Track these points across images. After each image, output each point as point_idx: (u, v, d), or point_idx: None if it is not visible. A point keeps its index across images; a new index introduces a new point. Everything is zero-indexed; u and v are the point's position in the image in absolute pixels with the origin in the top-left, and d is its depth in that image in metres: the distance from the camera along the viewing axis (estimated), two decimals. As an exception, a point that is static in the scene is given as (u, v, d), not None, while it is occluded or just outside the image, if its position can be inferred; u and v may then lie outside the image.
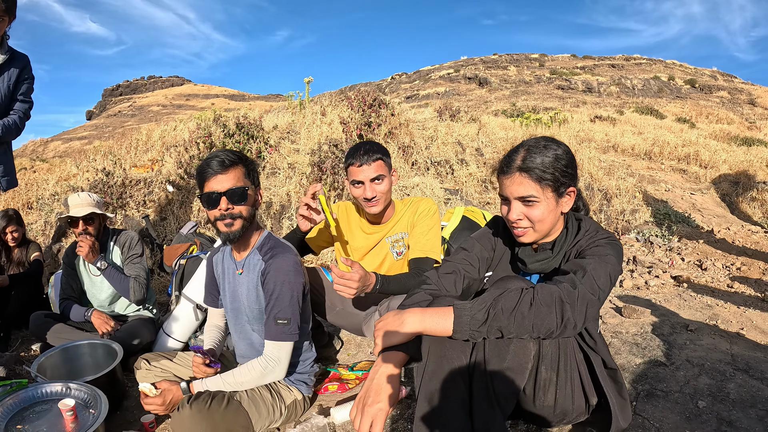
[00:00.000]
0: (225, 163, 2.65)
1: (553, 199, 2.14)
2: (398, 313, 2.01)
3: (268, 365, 2.71)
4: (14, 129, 3.62)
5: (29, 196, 8.79)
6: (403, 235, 3.33)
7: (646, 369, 3.23)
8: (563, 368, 2.12)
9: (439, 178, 8.54)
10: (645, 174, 11.45)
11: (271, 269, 2.72)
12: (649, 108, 26.21)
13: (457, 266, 2.42)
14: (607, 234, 2.18)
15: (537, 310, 1.84)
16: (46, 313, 4.17)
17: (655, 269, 5.60)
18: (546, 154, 2.12)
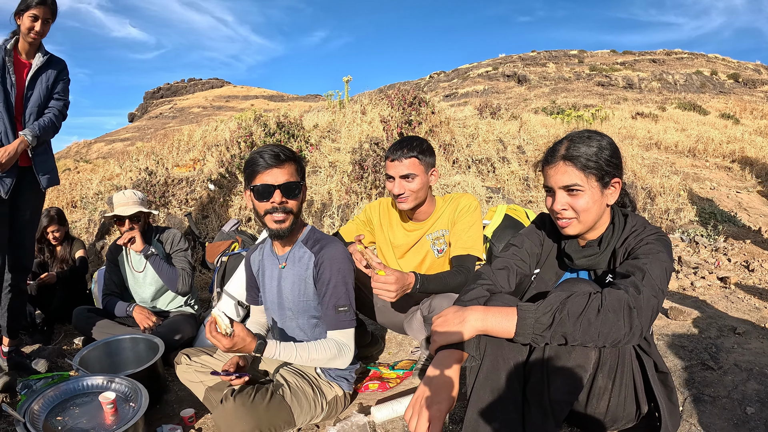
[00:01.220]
0: (281, 156, 2.62)
1: (598, 189, 2.08)
2: (459, 310, 1.94)
3: (342, 349, 2.68)
4: (51, 128, 3.66)
5: (73, 195, 8.93)
6: (443, 232, 3.26)
7: (693, 373, 3.15)
8: (620, 376, 2.03)
9: (481, 176, 8.46)
10: (689, 172, 11.21)
11: (325, 259, 2.71)
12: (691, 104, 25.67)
13: (509, 262, 2.35)
14: (655, 229, 2.10)
15: (605, 317, 1.74)
16: (89, 308, 4.24)
17: (701, 270, 5.45)
18: (590, 144, 2.08)
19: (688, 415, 2.67)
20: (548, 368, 1.91)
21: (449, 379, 1.85)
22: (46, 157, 3.72)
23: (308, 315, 2.84)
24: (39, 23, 3.50)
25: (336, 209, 6.90)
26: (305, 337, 2.87)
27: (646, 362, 2.08)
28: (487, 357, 1.96)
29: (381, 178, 7.30)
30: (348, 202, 7.20)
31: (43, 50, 3.68)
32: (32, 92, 3.64)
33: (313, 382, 2.81)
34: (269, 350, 2.56)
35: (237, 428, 2.43)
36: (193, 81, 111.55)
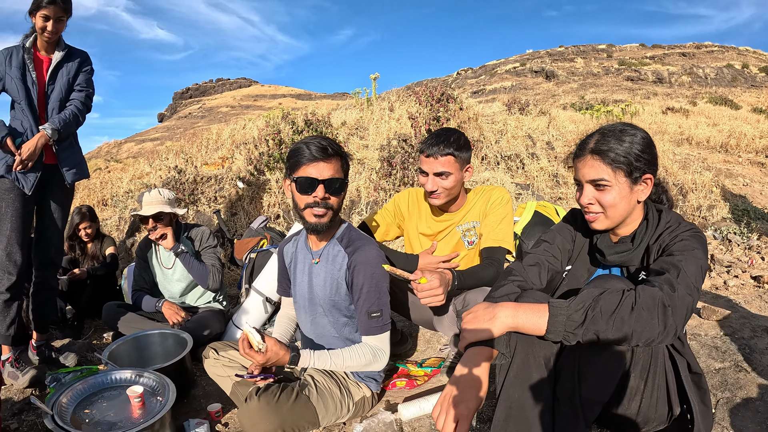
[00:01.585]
0: (328, 150, 2.56)
1: (627, 184, 2.04)
2: (489, 306, 1.90)
3: (377, 354, 2.68)
4: (72, 120, 3.66)
5: (104, 194, 9.04)
6: (474, 224, 3.21)
7: (726, 375, 3.08)
8: (652, 376, 1.97)
9: (510, 172, 8.39)
10: (721, 168, 11.01)
11: (358, 263, 2.65)
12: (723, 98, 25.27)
13: (540, 258, 2.32)
14: (690, 226, 2.04)
15: (638, 315, 1.68)
16: (119, 303, 4.27)
17: (734, 269, 5.32)
18: (621, 138, 2.04)
19: (721, 418, 2.61)
20: (580, 367, 1.88)
21: (478, 377, 1.82)
22: (71, 152, 3.73)
23: (339, 313, 2.81)
24: (51, 23, 3.48)
25: (364, 206, 6.88)
26: (335, 334, 2.85)
27: (679, 362, 2.03)
28: (518, 355, 1.91)
29: (410, 174, 7.25)
30: (376, 199, 7.17)
31: (62, 45, 3.68)
32: (53, 87, 3.65)
33: (341, 382, 2.77)
34: (303, 361, 2.57)
35: (261, 427, 2.43)
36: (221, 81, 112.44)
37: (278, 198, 7.43)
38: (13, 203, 3.49)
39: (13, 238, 3.51)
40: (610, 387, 1.90)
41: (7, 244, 3.50)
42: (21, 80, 3.54)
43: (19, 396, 3.49)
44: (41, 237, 3.78)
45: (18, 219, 3.52)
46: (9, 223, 3.49)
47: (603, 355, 1.86)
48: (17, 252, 3.53)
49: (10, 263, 3.51)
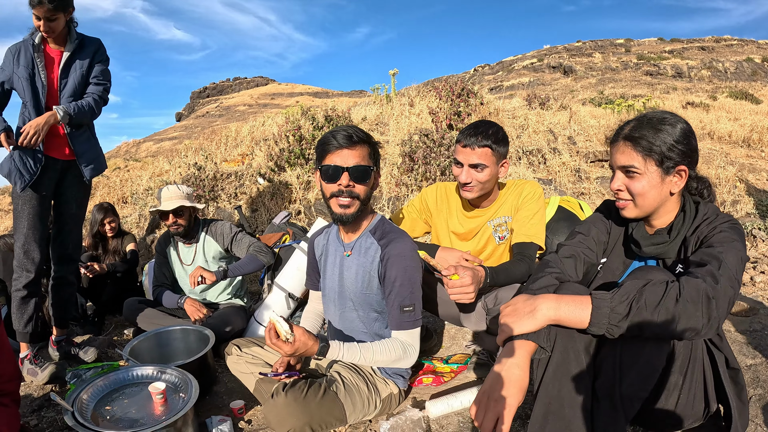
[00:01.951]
0: (353, 138, 2.53)
1: (658, 174, 2.01)
2: (530, 299, 1.85)
3: (407, 350, 2.60)
4: (88, 111, 3.59)
5: (124, 192, 9.10)
6: (506, 219, 3.14)
7: (758, 371, 3.02)
8: (691, 371, 1.93)
9: (532, 167, 8.31)
10: (744, 162, 10.86)
11: (392, 255, 2.58)
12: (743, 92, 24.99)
13: (576, 249, 2.26)
14: (728, 217, 1.99)
15: (684, 307, 1.64)
16: (140, 299, 4.28)
17: (761, 264, 5.21)
18: (657, 127, 2.01)
19: (754, 415, 2.55)
20: (621, 362, 1.83)
21: (518, 373, 1.77)
22: (88, 146, 3.69)
23: (370, 308, 2.75)
24: (43, 22, 3.38)
25: (386, 202, 6.85)
26: (365, 330, 2.79)
27: (717, 358, 2.00)
28: (557, 349, 1.88)
29: (431, 170, 7.19)
30: (398, 195, 7.13)
31: (73, 36, 3.59)
32: (66, 81, 3.58)
33: (368, 378, 2.72)
34: (332, 352, 2.49)
35: (287, 423, 2.38)
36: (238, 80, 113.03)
37: (299, 194, 7.40)
38: (29, 201, 3.47)
39: (30, 236, 3.50)
40: (651, 382, 1.85)
41: (25, 241, 3.49)
42: (29, 80, 3.47)
43: (38, 392, 3.49)
44: (59, 232, 3.77)
45: (35, 217, 3.50)
46: (26, 220, 3.48)
47: (644, 349, 1.81)
48: (35, 249, 3.52)
49: (28, 261, 3.51)
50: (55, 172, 3.58)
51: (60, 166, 3.59)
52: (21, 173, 3.42)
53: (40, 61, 3.50)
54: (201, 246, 4.24)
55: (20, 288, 3.52)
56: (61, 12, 3.40)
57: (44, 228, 3.60)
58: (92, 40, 3.74)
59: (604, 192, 7.63)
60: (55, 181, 3.61)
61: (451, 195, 3.35)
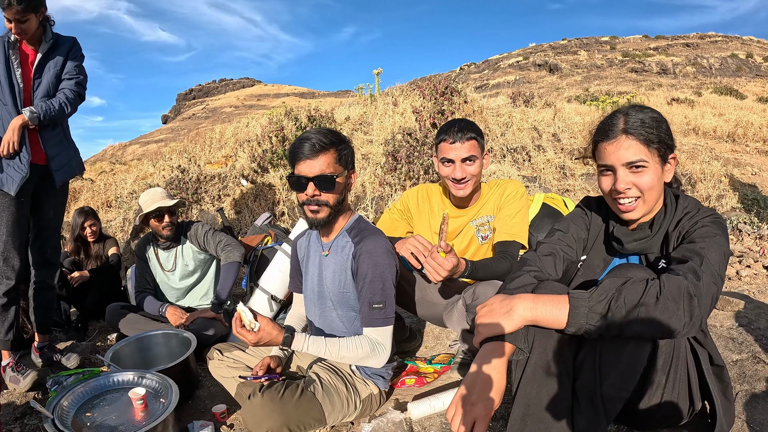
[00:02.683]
0: (316, 147, 2.53)
1: (659, 164, 1.95)
2: (506, 299, 1.80)
3: (376, 348, 2.59)
4: (59, 109, 3.53)
5: (108, 195, 9.05)
6: (489, 218, 3.15)
7: (744, 366, 2.99)
8: (674, 370, 1.89)
9: (516, 165, 8.34)
10: (729, 157, 10.95)
11: (363, 252, 2.60)
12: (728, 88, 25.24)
13: (555, 247, 2.22)
14: (710, 211, 1.95)
15: (664, 306, 1.59)
16: (122, 305, 4.26)
17: (746, 258, 5.26)
18: (649, 114, 1.95)
19: (740, 411, 2.52)
20: (601, 362, 1.79)
21: (495, 375, 1.73)
22: (59, 149, 3.63)
23: (349, 307, 2.75)
24: (14, 24, 3.34)
25: (370, 201, 6.85)
26: (345, 330, 2.79)
27: (701, 354, 1.96)
28: (535, 349, 1.84)
29: (415, 169, 7.20)
30: (382, 194, 7.13)
31: (48, 36, 3.55)
32: (40, 80, 3.54)
33: (347, 379, 2.72)
34: (297, 343, 2.50)
35: (265, 424, 2.40)
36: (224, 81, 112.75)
37: (283, 195, 7.39)
38: (8, 207, 3.43)
39: (10, 243, 3.46)
40: (633, 382, 1.81)
41: (4, 248, 3.45)
42: (6, 78, 3.43)
43: (21, 400, 3.46)
44: (37, 238, 3.73)
45: (14, 223, 3.46)
46: (5, 227, 3.44)
47: (625, 349, 1.76)
48: (15, 256, 3.48)
49: (8, 268, 3.47)
50: (34, 177, 3.54)
51: (37, 172, 3.55)
52: (10, 177, 3.39)
53: (15, 59, 3.46)
54: (180, 250, 4.23)
55: (0, 295, 3.48)
56: (31, 13, 3.35)
57: (24, 234, 3.56)
58: (66, 38, 3.68)
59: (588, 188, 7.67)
60: (33, 186, 3.57)
61: (433, 196, 3.35)
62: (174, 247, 4.24)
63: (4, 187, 3.37)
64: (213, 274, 4.40)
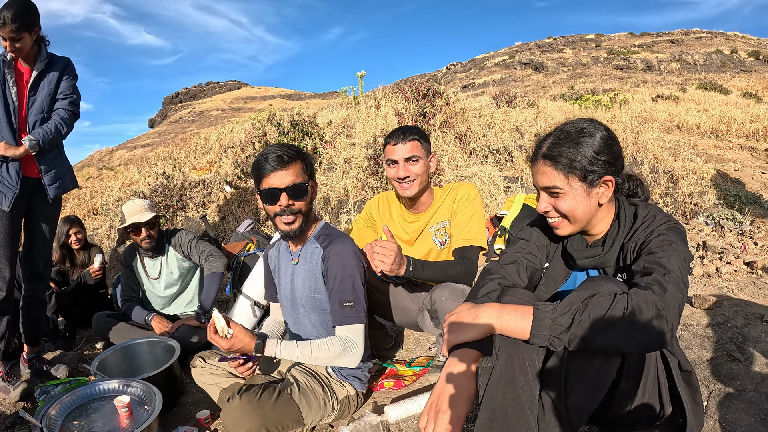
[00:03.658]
0: (284, 158, 2.61)
1: (582, 189, 1.95)
2: (473, 307, 1.82)
3: (348, 346, 2.65)
4: (55, 132, 3.61)
5: (94, 203, 9.05)
6: (444, 223, 3.21)
7: (719, 365, 3.03)
8: (644, 379, 1.89)
9: (498, 165, 8.41)
10: (712, 153, 11.03)
11: (332, 254, 2.69)
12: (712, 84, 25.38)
13: (517, 256, 2.24)
14: (666, 218, 1.96)
15: (631, 321, 1.58)
16: (108, 313, 4.31)
17: (727, 255, 5.29)
18: (576, 140, 1.94)
19: (713, 410, 2.56)
20: (567, 374, 1.79)
21: (465, 382, 1.75)
22: (53, 164, 3.69)
23: (321, 311, 2.83)
24: (8, 43, 3.39)
25: (352, 205, 6.91)
26: (318, 334, 2.86)
27: (671, 361, 1.95)
28: (501, 357, 1.79)
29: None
30: (365, 198, 7.18)
31: (43, 55, 3.61)
32: (34, 99, 3.59)
33: (324, 381, 2.80)
34: (269, 349, 2.58)
35: (243, 426, 2.45)
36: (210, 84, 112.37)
37: (266, 200, 7.42)
38: (0, 219, 3.47)
39: (2, 254, 3.51)
40: (600, 395, 1.82)
41: None
42: (0, 95, 3.49)
43: (10, 410, 3.51)
44: (29, 250, 3.78)
45: (6, 235, 3.51)
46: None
47: (593, 362, 1.77)
48: (6, 268, 3.53)
49: (0, 280, 3.49)
50: (26, 191, 3.58)
51: (30, 185, 3.60)
52: (2, 192, 3.45)
53: (10, 77, 3.51)
54: (165, 258, 4.28)
55: None
56: (25, 31, 3.40)
57: (15, 246, 3.61)
58: (61, 58, 3.74)
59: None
60: (26, 199, 3.62)
61: (392, 202, 3.44)
62: (159, 256, 4.29)
63: (2, 204, 3.43)
64: (197, 282, 4.45)
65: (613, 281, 1.77)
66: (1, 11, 3.31)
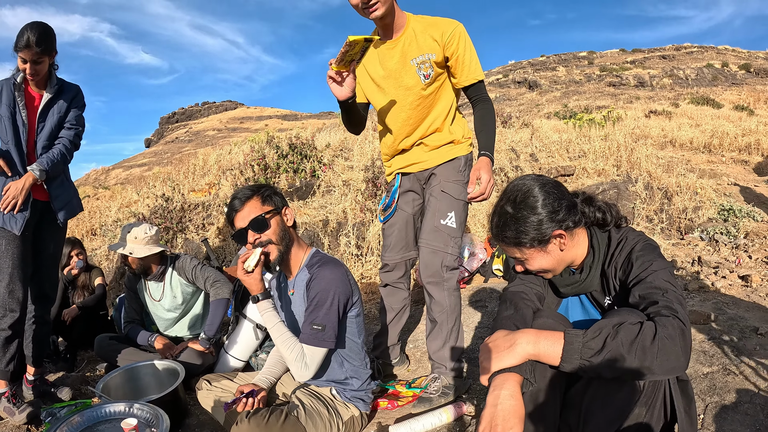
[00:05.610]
0: (241, 199, 2.79)
1: (537, 251, 2.09)
2: (509, 334, 1.86)
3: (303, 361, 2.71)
4: (61, 160, 3.69)
5: (92, 223, 9.07)
6: (429, 56, 3.15)
7: (715, 379, 3.10)
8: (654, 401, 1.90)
9: (495, 187, 8.46)
10: (705, 168, 11.11)
11: (316, 277, 2.78)
12: (704, 98, 25.50)
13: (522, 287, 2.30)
14: (636, 238, 2.06)
15: (662, 344, 1.63)
16: (111, 336, 4.34)
17: (722, 269, 5.36)
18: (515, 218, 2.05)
19: (710, 422, 2.62)
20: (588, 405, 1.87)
21: (514, 403, 1.74)
22: (61, 190, 3.76)
23: None
24: (29, 65, 3.48)
25: (351, 228, 6.94)
26: None
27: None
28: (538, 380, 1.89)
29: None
30: (363, 221, 7.22)
31: (53, 81, 3.68)
32: (44, 124, 3.66)
33: (329, 403, 2.85)
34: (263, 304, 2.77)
35: None
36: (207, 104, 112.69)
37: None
38: (13, 241, 3.53)
39: (15, 276, 3.55)
40: (617, 425, 1.85)
41: (9, 281, 3.53)
42: (10, 120, 3.55)
43: (14, 431, 3.52)
44: (37, 272, 3.81)
45: (18, 257, 3.56)
46: (10, 260, 3.53)
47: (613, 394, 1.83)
48: (19, 289, 3.56)
49: (13, 300, 3.55)
50: (35, 213, 3.64)
51: (38, 207, 3.66)
52: (14, 217, 3.50)
53: (21, 101, 3.57)
54: (168, 282, 4.31)
55: (5, 328, 3.55)
56: (46, 55, 3.51)
57: (27, 268, 3.65)
58: (71, 86, 3.82)
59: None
60: (35, 221, 3.68)
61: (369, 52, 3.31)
62: (162, 280, 4.33)
63: (7, 226, 3.48)
64: (201, 305, 4.49)
65: (634, 312, 1.82)
66: (24, 33, 3.40)
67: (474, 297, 5.23)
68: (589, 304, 2.22)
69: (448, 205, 3.25)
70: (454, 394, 3.26)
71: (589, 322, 1.97)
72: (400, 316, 3.72)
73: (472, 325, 4.56)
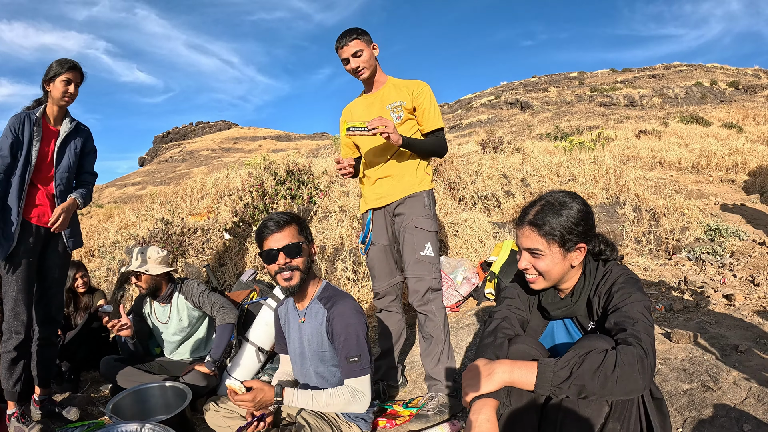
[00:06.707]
0: (280, 223, 3.00)
1: (560, 253, 2.28)
2: (488, 364, 2.10)
3: (356, 395, 2.96)
4: (89, 199, 4.08)
5: (90, 244, 9.06)
6: (401, 103, 3.75)
7: (694, 395, 3.26)
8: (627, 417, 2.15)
9: (487, 212, 8.58)
10: (693, 189, 11.21)
11: (335, 315, 3.01)
12: (694, 116, 25.61)
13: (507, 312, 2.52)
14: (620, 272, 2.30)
15: (621, 371, 1.87)
16: (116, 357, 4.47)
17: (707, 289, 5.48)
18: (559, 212, 2.27)
19: (688, 437, 2.75)
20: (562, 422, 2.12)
21: (490, 426, 1.99)
22: (72, 222, 3.99)
23: (329, 364, 3.13)
24: (72, 86, 3.81)
25: (348, 253, 7.05)
26: (325, 384, 3.14)
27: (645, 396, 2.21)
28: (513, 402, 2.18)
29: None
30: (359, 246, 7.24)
31: (70, 116, 3.98)
32: (62, 158, 3.93)
33: (333, 423, 3.01)
34: (287, 396, 2.90)
35: None
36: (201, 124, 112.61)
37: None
38: (18, 265, 3.73)
39: (20, 299, 3.73)
40: None
41: (14, 304, 3.71)
42: (25, 153, 3.76)
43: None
44: (43, 296, 3.97)
45: (24, 281, 3.75)
46: (15, 284, 3.72)
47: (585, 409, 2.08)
48: (24, 312, 3.74)
49: (18, 323, 3.72)
50: (40, 239, 3.85)
51: (44, 233, 3.87)
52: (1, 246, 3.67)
53: (37, 134, 3.80)
54: (175, 305, 4.46)
55: (11, 350, 3.71)
56: (83, 80, 3.92)
57: (32, 291, 3.84)
58: (84, 127, 4.15)
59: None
60: (40, 247, 3.88)
61: (352, 104, 4.01)
62: (169, 302, 4.48)
63: None
64: (205, 329, 4.63)
65: (604, 338, 2.07)
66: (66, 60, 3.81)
67: (466, 320, 5.37)
68: (573, 328, 2.44)
69: (423, 238, 3.71)
70: (449, 413, 3.50)
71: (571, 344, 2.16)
72: (398, 339, 4.02)
73: (464, 346, 4.73)
